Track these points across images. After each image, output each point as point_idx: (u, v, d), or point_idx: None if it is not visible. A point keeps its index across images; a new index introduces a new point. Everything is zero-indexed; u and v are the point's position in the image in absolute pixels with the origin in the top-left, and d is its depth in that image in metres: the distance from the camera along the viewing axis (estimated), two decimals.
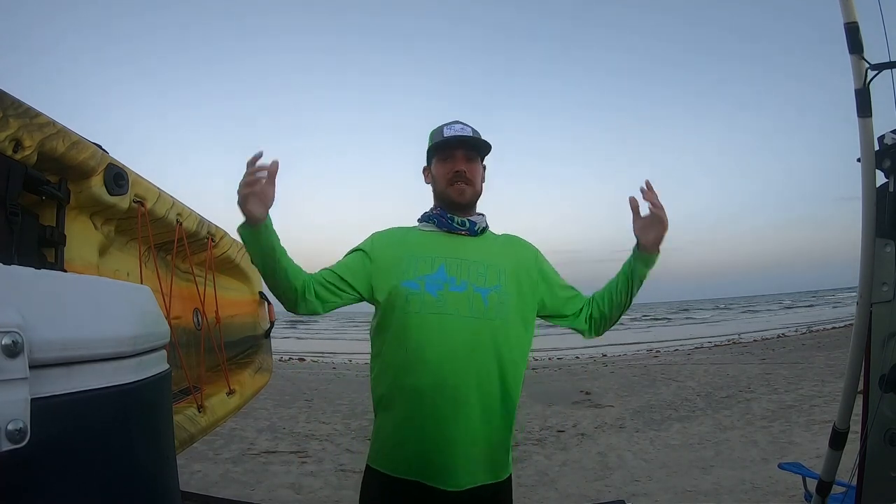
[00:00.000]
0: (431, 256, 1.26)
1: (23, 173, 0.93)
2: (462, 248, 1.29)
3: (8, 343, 0.39)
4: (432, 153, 1.34)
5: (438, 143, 1.30)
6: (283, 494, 3.55)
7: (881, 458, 1.36)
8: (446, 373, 1.18)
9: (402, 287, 1.22)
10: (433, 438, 1.17)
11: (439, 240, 1.30)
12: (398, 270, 1.24)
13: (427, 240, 1.31)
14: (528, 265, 1.34)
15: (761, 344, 13.50)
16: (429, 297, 1.21)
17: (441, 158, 1.32)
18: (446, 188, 1.30)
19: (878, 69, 1.39)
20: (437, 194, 1.34)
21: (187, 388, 1.57)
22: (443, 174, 1.30)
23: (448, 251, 1.27)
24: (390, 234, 1.34)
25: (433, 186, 1.35)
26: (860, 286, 1.43)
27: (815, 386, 6.61)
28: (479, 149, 1.33)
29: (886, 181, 1.42)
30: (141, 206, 1.34)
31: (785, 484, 3.24)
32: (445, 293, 1.21)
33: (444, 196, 1.31)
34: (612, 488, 3.60)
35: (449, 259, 1.26)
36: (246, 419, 5.18)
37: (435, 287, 1.22)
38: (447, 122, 1.35)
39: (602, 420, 5.54)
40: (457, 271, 1.24)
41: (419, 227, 1.36)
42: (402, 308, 1.21)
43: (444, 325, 1.20)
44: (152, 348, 0.61)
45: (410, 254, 1.26)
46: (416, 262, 1.25)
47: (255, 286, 2.41)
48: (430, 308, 1.20)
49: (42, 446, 0.43)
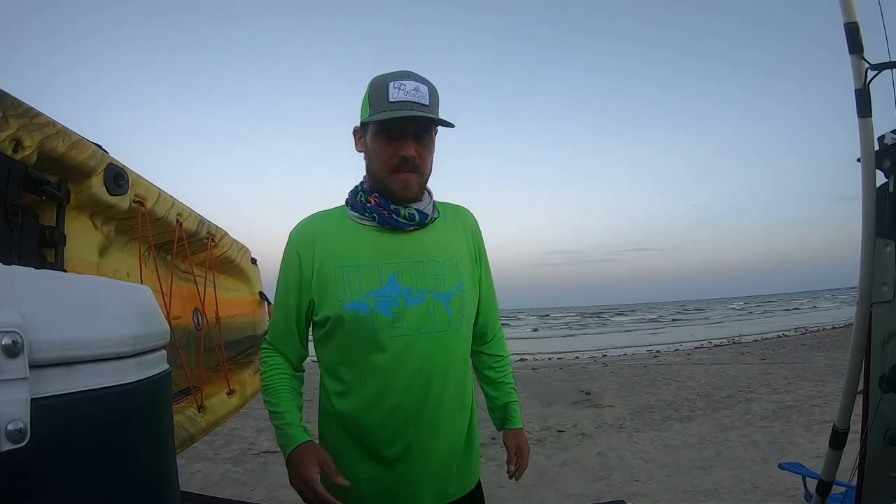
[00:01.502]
0: (377, 265, 1.01)
1: (23, 173, 0.93)
2: (412, 247, 1.04)
3: (8, 343, 0.39)
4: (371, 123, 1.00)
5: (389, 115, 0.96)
6: (283, 494, 3.54)
7: (881, 458, 1.36)
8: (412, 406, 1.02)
9: (346, 311, 0.99)
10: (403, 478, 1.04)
11: (383, 241, 1.03)
12: (338, 288, 1.00)
13: (367, 241, 1.03)
14: (474, 241, 1.15)
15: (761, 344, 13.51)
16: (382, 320, 0.99)
17: (384, 136, 1.00)
18: (387, 177, 1.01)
19: (878, 69, 1.39)
20: (373, 175, 1.04)
21: (187, 388, 1.57)
22: (385, 157, 1.00)
23: (395, 255, 1.03)
24: (315, 232, 1.06)
25: (368, 163, 1.06)
26: (860, 286, 1.43)
27: (815, 386, 6.61)
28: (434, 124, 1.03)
29: (886, 181, 1.42)
30: (141, 206, 1.34)
31: (785, 484, 3.24)
32: (401, 310, 1.00)
33: (383, 184, 1.02)
34: (612, 488, 3.60)
35: (399, 266, 1.02)
36: (246, 419, 5.18)
37: (388, 304, 0.99)
38: (394, 75, 0.99)
39: (602, 420, 5.54)
40: (411, 280, 1.02)
41: (352, 218, 1.06)
42: (351, 335, 1.01)
43: (405, 352, 1.01)
44: (152, 348, 0.61)
45: (352, 263, 1.01)
46: (358, 274, 1.00)
47: (255, 286, 2.41)
48: (384, 333, 0.99)
49: (42, 446, 0.42)
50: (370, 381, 1.02)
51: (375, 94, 1.00)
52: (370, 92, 1.01)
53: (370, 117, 1.00)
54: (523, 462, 1.20)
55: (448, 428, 1.07)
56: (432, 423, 1.04)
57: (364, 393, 1.03)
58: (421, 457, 1.04)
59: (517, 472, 1.20)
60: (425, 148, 1.03)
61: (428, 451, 1.04)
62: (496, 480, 3.73)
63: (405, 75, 1.00)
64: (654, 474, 3.84)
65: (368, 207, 1.03)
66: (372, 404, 1.02)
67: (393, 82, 0.98)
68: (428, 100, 0.99)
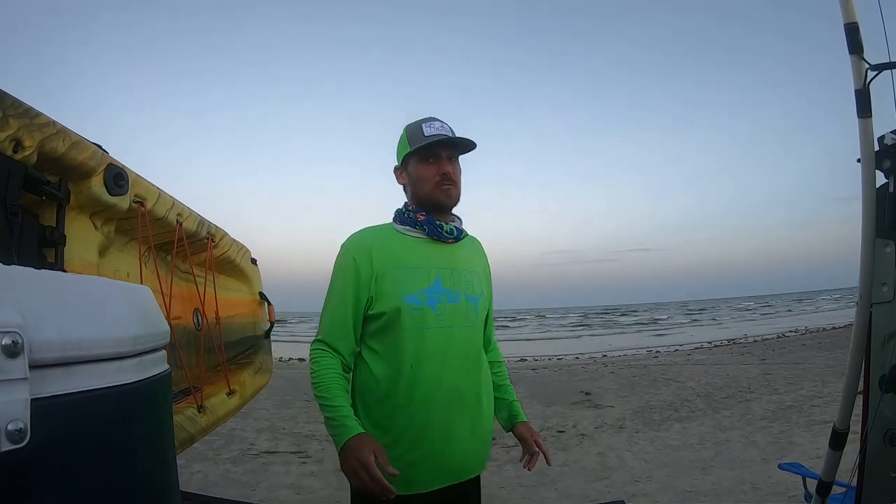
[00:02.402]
0: (426, 268, 1.24)
1: (23, 173, 0.93)
2: (451, 256, 1.29)
3: (8, 343, 0.39)
4: (414, 153, 1.27)
5: (426, 144, 1.24)
6: (283, 494, 3.55)
7: (881, 458, 1.35)
8: (450, 385, 1.22)
9: (405, 303, 1.20)
10: (443, 449, 1.21)
11: (430, 249, 1.27)
12: (399, 284, 1.21)
13: (418, 249, 1.27)
14: (487, 266, 1.42)
15: (761, 344, 13.51)
16: (430, 313, 1.21)
17: (424, 160, 1.26)
18: (434, 191, 1.25)
19: (878, 69, 1.39)
20: (419, 196, 1.28)
21: (187, 388, 1.57)
22: (428, 176, 1.25)
23: (440, 261, 1.27)
24: (371, 242, 1.26)
25: (413, 188, 1.29)
26: (860, 286, 1.43)
27: (815, 386, 6.62)
28: (462, 148, 1.30)
29: (886, 181, 1.42)
30: (141, 206, 1.34)
31: (785, 484, 3.24)
32: (444, 306, 1.23)
33: (430, 198, 1.26)
34: (612, 489, 3.60)
35: (443, 270, 1.26)
36: (246, 419, 5.18)
37: (434, 301, 1.22)
38: (423, 119, 1.29)
39: (602, 420, 5.54)
40: (451, 283, 1.26)
41: (401, 231, 1.29)
42: (409, 324, 1.20)
43: (449, 339, 1.23)
44: (152, 348, 0.61)
45: (407, 265, 1.23)
46: (414, 274, 1.23)
47: (255, 286, 2.41)
48: (431, 323, 1.21)
49: (42, 446, 0.42)
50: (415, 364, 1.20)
51: (413, 134, 1.28)
52: (407, 134, 1.29)
53: (413, 148, 1.26)
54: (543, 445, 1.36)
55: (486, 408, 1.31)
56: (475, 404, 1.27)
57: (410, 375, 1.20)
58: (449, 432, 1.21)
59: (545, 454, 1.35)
60: (456, 168, 1.29)
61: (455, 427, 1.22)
62: (496, 480, 3.73)
63: (431, 118, 1.29)
64: (654, 474, 3.84)
65: (419, 222, 1.27)
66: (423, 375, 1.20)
67: (424, 123, 1.27)
68: (450, 132, 1.29)
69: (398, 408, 1.20)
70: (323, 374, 1.19)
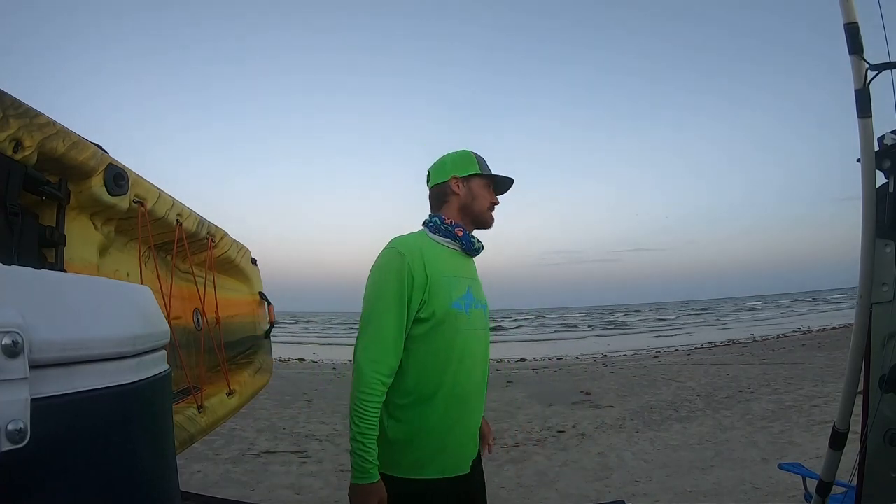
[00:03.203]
0: (461, 278, 1.39)
1: (23, 173, 0.93)
2: (470, 268, 1.47)
3: (8, 343, 0.39)
4: (481, 177, 1.45)
5: (497, 176, 1.47)
6: (283, 494, 3.55)
7: (881, 458, 1.35)
8: (477, 378, 1.39)
9: (452, 308, 1.33)
10: (471, 434, 1.40)
11: (462, 261, 1.44)
12: (447, 291, 1.33)
13: (455, 260, 1.41)
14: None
15: (761, 344, 13.51)
16: (465, 317, 1.36)
17: (488, 185, 1.47)
18: (485, 212, 1.46)
19: (878, 69, 1.39)
20: (469, 210, 1.44)
21: (187, 388, 1.57)
22: (487, 199, 1.46)
23: (468, 272, 1.44)
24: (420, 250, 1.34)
25: (467, 201, 1.44)
26: (860, 286, 1.43)
27: (815, 386, 6.62)
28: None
29: (886, 181, 1.42)
30: (141, 206, 1.34)
31: (785, 484, 3.25)
32: (473, 311, 1.38)
33: (481, 216, 1.45)
34: (612, 489, 3.60)
35: (470, 281, 1.42)
36: (246, 419, 5.18)
37: (468, 307, 1.37)
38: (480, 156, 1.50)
39: (602, 420, 5.55)
40: (475, 292, 1.42)
41: (438, 242, 1.41)
42: (453, 326, 1.32)
43: (476, 340, 1.39)
44: (152, 348, 0.61)
45: (451, 275, 1.37)
46: (456, 283, 1.37)
47: (255, 286, 2.41)
48: (468, 325, 1.36)
49: (42, 446, 0.42)
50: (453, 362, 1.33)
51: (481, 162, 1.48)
52: (477, 158, 1.48)
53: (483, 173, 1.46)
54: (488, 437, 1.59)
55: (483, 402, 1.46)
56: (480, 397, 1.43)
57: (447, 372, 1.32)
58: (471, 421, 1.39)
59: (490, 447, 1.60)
60: None
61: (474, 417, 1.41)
62: (496, 480, 3.73)
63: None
64: (654, 474, 3.84)
65: (458, 236, 1.42)
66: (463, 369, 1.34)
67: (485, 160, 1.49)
68: None
69: (436, 401, 1.31)
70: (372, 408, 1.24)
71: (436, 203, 1.48)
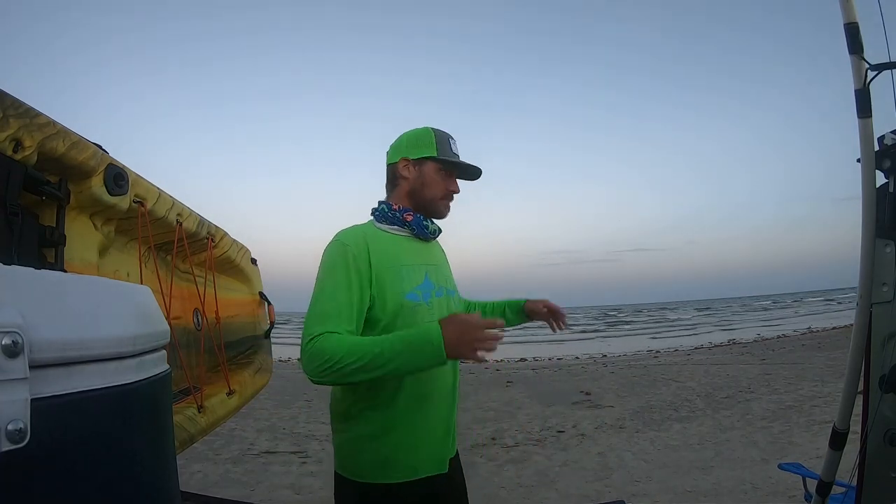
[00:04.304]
0: (416, 265, 1.27)
1: (23, 173, 0.93)
2: (431, 253, 1.35)
3: (8, 343, 0.39)
4: (435, 160, 1.31)
5: (456, 162, 1.32)
6: (283, 494, 3.55)
7: (881, 458, 1.35)
8: (444, 374, 1.26)
9: (406, 300, 1.21)
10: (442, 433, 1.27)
11: (416, 247, 1.31)
12: (398, 282, 1.22)
13: (407, 247, 1.29)
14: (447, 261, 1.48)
15: (761, 344, 13.51)
16: (424, 308, 1.24)
17: (444, 171, 1.32)
18: (438, 201, 1.32)
19: (878, 69, 1.39)
20: (419, 197, 1.31)
21: (187, 388, 1.57)
22: (441, 187, 1.32)
23: (425, 258, 1.31)
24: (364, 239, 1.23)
25: (416, 187, 1.31)
26: (860, 286, 1.43)
27: (815, 386, 6.62)
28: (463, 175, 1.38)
29: (886, 181, 1.42)
30: (141, 206, 1.34)
31: (785, 484, 3.25)
32: (434, 301, 1.27)
33: (431, 205, 1.32)
34: (612, 489, 3.60)
35: (429, 267, 1.30)
36: (246, 419, 5.18)
37: (426, 296, 1.26)
38: (449, 135, 1.35)
39: (602, 420, 5.54)
40: (435, 278, 1.30)
41: (386, 230, 1.30)
42: (410, 320, 1.19)
43: None
44: (152, 348, 0.61)
45: (401, 263, 1.25)
46: (409, 272, 1.24)
47: (255, 286, 2.41)
48: (426, 317, 1.23)
49: (42, 446, 0.42)
50: None
51: (442, 143, 1.32)
52: (437, 138, 1.32)
53: (440, 157, 1.30)
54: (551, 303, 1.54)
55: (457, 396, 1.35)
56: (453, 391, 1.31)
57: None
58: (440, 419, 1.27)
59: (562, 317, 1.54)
60: None
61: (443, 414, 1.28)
62: (496, 481, 3.73)
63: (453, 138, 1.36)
64: (654, 475, 3.84)
65: (405, 220, 1.30)
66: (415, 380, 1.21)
67: (451, 140, 1.34)
68: None
69: (403, 398, 1.20)
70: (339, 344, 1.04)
71: (388, 187, 1.36)
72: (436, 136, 1.33)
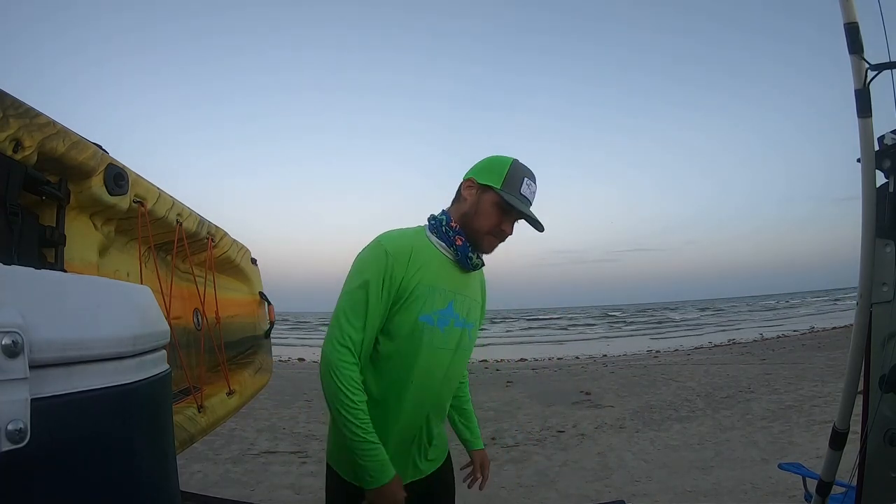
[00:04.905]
0: (445, 290, 1.26)
1: (23, 173, 0.93)
2: (465, 284, 1.32)
3: (8, 343, 0.39)
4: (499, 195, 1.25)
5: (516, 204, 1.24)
6: (283, 494, 3.55)
7: (881, 458, 1.35)
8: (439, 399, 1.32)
9: (419, 321, 1.22)
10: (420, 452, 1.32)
11: (453, 273, 1.29)
12: (420, 302, 1.22)
13: (444, 269, 1.27)
14: (485, 295, 1.46)
15: (761, 344, 13.51)
16: (438, 333, 1.25)
17: (501, 208, 1.26)
18: (484, 235, 1.27)
19: (878, 69, 1.39)
20: (469, 223, 1.28)
21: (187, 388, 1.57)
22: (493, 222, 1.27)
23: (457, 286, 1.29)
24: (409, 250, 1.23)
25: (470, 212, 1.28)
26: (860, 286, 1.43)
27: (815, 386, 6.62)
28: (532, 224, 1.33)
29: (886, 181, 1.42)
30: (141, 206, 1.34)
31: (785, 484, 3.25)
32: (450, 329, 1.27)
33: (477, 237, 1.28)
34: (612, 489, 3.60)
35: (457, 296, 1.29)
36: (246, 419, 5.18)
37: (444, 323, 1.26)
38: (529, 173, 1.29)
39: (602, 420, 5.54)
40: (460, 308, 1.29)
41: (435, 244, 1.28)
42: (417, 340, 1.22)
43: (447, 360, 1.29)
44: (152, 348, 0.61)
45: (430, 284, 1.23)
46: (434, 294, 1.24)
47: (255, 286, 2.41)
48: (438, 343, 1.25)
49: (42, 446, 0.42)
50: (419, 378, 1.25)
51: (514, 177, 1.27)
52: (510, 172, 1.27)
53: (502, 191, 1.25)
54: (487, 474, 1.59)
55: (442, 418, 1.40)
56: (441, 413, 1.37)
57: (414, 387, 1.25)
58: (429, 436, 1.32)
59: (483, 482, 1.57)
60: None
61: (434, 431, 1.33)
62: (496, 481, 3.73)
63: (533, 177, 1.30)
64: (654, 474, 3.84)
65: (454, 243, 1.28)
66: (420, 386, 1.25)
67: (527, 179, 1.28)
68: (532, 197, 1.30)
69: (392, 412, 1.24)
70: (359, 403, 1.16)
71: (453, 200, 1.35)
72: (510, 169, 1.27)
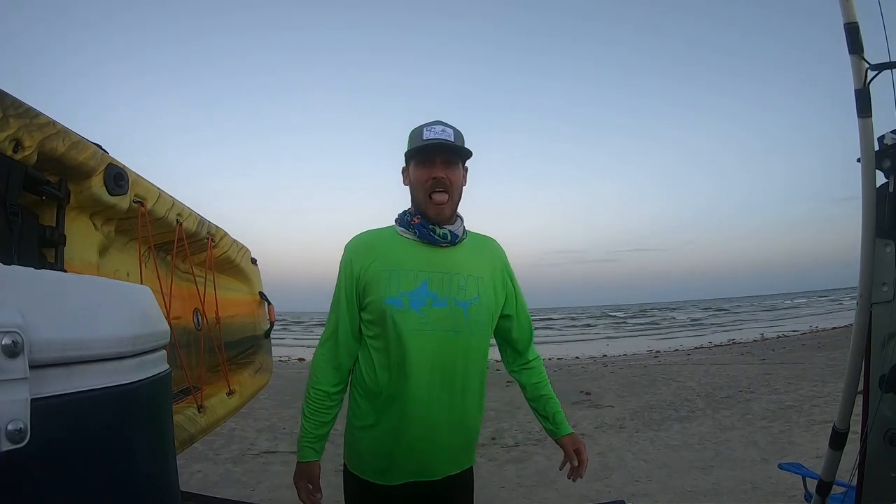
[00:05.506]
0: (414, 271, 1.24)
1: (23, 173, 0.93)
2: (443, 260, 1.27)
3: (8, 343, 0.39)
4: (411, 156, 1.27)
5: (417, 147, 1.24)
6: (283, 494, 3.54)
7: (881, 458, 1.35)
8: (433, 388, 1.24)
9: (386, 304, 1.22)
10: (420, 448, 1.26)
11: (420, 252, 1.26)
12: (383, 286, 1.23)
13: (408, 251, 1.27)
14: (500, 267, 1.36)
15: (761, 344, 13.51)
16: (413, 315, 1.22)
17: (419, 163, 1.25)
18: (425, 200, 1.25)
19: (878, 69, 1.39)
20: (416, 201, 1.29)
21: (187, 388, 1.57)
22: (421, 180, 1.24)
23: (429, 265, 1.25)
24: (368, 244, 1.30)
25: (411, 191, 1.30)
26: (860, 286, 1.43)
27: (815, 386, 6.62)
28: (459, 154, 1.26)
29: (886, 181, 1.42)
30: (141, 206, 1.34)
31: (785, 484, 3.24)
32: (428, 310, 1.22)
33: (420, 208, 1.27)
34: (612, 488, 3.59)
35: (431, 274, 1.25)
36: (246, 419, 5.18)
37: (418, 304, 1.22)
38: (427, 123, 1.27)
39: (602, 420, 5.54)
40: (438, 286, 1.24)
41: (398, 232, 1.30)
42: (394, 325, 1.22)
43: (430, 343, 1.23)
44: (152, 348, 0.61)
45: (392, 268, 1.24)
46: (398, 277, 1.23)
47: (255, 286, 2.41)
48: (415, 326, 1.22)
49: (42, 446, 0.42)
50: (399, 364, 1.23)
51: (414, 137, 1.27)
52: (410, 136, 1.29)
53: (410, 150, 1.26)
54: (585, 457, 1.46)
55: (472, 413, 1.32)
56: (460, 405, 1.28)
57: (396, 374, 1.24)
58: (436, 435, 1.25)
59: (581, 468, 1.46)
60: (453, 172, 1.26)
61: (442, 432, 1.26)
62: (496, 481, 3.73)
63: (435, 122, 1.27)
64: (654, 474, 3.84)
65: (412, 224, 1.27)
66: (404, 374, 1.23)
67: (426, 127, 1.26)
68: (452, 137, 1.25)
69: (386, 401, 1.26)
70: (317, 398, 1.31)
71: None
72: (410, 135, 1.29)
